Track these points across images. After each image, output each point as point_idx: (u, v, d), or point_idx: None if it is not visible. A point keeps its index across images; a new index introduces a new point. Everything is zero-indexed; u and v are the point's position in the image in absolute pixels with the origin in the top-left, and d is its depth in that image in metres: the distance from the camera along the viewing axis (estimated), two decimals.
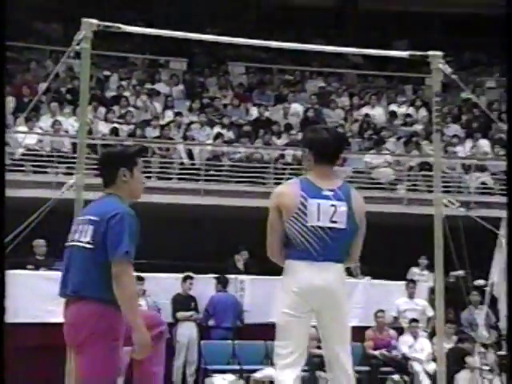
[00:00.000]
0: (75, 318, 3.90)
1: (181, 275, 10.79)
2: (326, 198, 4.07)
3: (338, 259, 4.09)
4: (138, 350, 3.88)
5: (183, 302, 10.71)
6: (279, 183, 13.87)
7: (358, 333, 10.85)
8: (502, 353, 8.12)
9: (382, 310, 11.00)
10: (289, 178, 13.94)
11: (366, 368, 10.67)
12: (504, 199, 14.05)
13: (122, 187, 4.05)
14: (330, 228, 4.03)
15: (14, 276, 9.94)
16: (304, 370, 10.00)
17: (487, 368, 8.41)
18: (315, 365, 10.41)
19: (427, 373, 10.18)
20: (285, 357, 4.10)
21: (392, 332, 11.02)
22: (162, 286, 10.88)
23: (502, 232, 9.05)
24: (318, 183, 4.11)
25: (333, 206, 4.05)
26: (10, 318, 9.53)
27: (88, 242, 3.88)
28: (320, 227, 4.01)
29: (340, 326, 4.14)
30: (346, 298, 4.20)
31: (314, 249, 4.01)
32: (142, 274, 10.18)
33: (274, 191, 4.26)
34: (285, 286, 4.10)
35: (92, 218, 3.92)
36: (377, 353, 10.72)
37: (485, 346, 9.11)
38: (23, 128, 14.36)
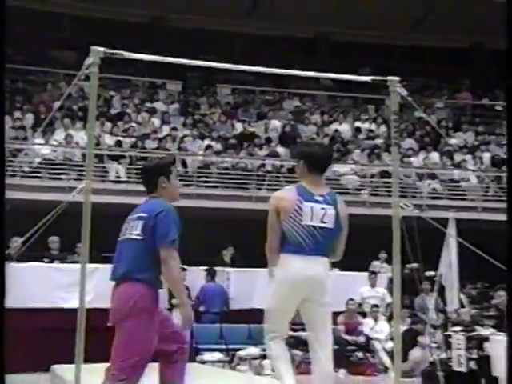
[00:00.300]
0: (121, 296, 4.01)
1: None
2: (318, 202, 4.15)
3: (325, 254, 4.18)
4: (183, 322, 4.05)
5: None
6: (260, 189, 14.16)
7: None
8: (448, 333, 8.18)
9: (352, 299, 10.95)
10: (269, 184, 14.17)
11: (335, 347, 10.72)
12: (451, 203, 14.21)
13: (162, 192, 4.21)
14: (320, 227, 4.11)
15: (31, 267, 9.93)
16: None
17: (435, 345, 8.48)
18: (290, 344, 10.45)
19: (386, 350, 10.21)
20: (275, 333, 4.25)
21: (360, 318, 11.01)
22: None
23: (449, 230, 9.15)
24: (311, 189, 4.19)
25: (323, 209, 4.14)
26: (28, 303, 9.61)
27: (138, 234, 4.02)
28: (313, 226, 4.10)
29: (324, 311, 4.24)
30: (329, 287, 4.24)
31: (307, 244, 4.09)
32: None
33: (274, 196, 4.32)
34: (280, 276, 4.16)
35: (141, 214, 4.08)
36: (349, 338, 10.73)
37: (434, 327, 9.17)
38: (40, 140, 14.28)
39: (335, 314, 10.94)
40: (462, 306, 10.16)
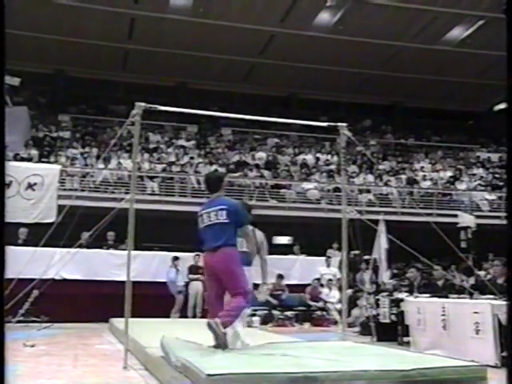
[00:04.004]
0: (223, 256, 4.22)
1: (193, 254, 10.70)
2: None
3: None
4: (265, 273, 4.67)
5: (194, 269, 10.62)
6: (251, 199, 14.07)
7: (298, 288, 10.96)
8: (378, 297, 8.15)
9: (316, 279, 10.97)
10: (257, 196, 14.07)
11: (304, 308, 10.73)
12: (381, 209, 14.17)
13: (222, 191, 4.52)
14: None
15: (95, 252, 9.97)
16: (263, 310, 10.07)
17: (369, 306, 8.47)
18: (271, 306, 10.45)
19: (336, 309, 10.24)
20: None
21: (320, 289, 10.96)
22: (185, 259, 10.69)
23: (380, 228, 9.18)
24: None
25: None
26: (94, 276, 9.59)
27: (225, 219, 4.28)
28: None
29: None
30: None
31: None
32: (177, 254, 10.40)
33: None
34: None
35: (223, 206, 4.33)
36: (312, 303, 10.73)
37: (368, 293, 9.18)
38: (101, 165, 14.27)
39: (304, 286, 10.95)
40: (393, 276, 10.13)
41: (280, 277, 10.69)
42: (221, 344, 4.07)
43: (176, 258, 10.42)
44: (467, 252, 10.46)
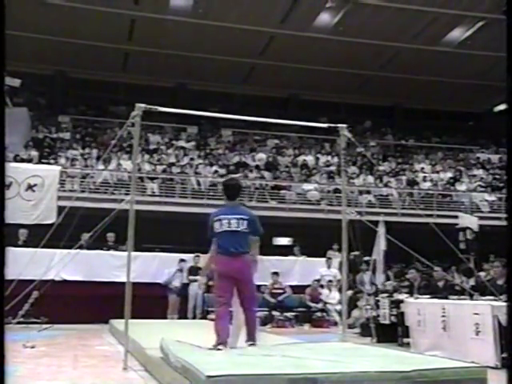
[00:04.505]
0: (245, 263, 4.52)
1: (192, 255, 10.70)
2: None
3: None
4: (254, 271, 4.67)
5: (194, 270, 10.61)
6: (251, 200, 14.08)
7: (298, 289, 10.97)
8: (378, 298, 8.15)
9: (316, 280, 10.97)
10: (257, 197, 14.08)
11: (303, 309, 10.73)
12: (381, 210, 14.14)
13: (239, 198, 4.80)
14: None
15: (95, 254, 9.96)
16: (263, 311, 10.07)
17: (369, 307, 8.45)
18: (271, 307, 10.44)
19: (336, 311, 10.23)
20: None
21: (320, 290, 10.95)
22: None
23: (379, 229, 9.18)
24: None
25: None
26: (94, 278, 9.59)
27: (245, 228, 4.55)
28: None
29: None
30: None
31: None
32: (183, 256, 10.47)
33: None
34: None
35: (243, 216, 4.59)
36: (312, 304, 10.73)
37: (368, 294, 9.16)
38: (101, 166, 14.27)
39: (304, 287, 10.94)
40: (389, 279, 10.15)
41: (275, 274, 10.66)
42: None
43: (182, 260, 10.48)
44: (467, 253, 10.46)
